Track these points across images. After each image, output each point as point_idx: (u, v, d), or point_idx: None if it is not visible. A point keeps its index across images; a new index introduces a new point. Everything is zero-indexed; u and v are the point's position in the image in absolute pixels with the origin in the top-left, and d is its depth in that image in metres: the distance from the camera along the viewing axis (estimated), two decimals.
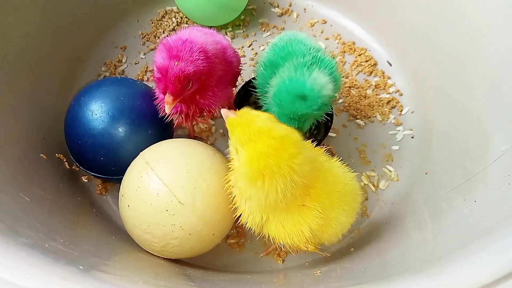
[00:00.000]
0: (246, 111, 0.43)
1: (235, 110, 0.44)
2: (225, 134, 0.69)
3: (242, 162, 0.40)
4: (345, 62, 0.78)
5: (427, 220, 0.52)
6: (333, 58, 0.54)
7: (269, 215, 0.43)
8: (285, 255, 0.58)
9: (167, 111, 0.50)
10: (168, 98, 0.48)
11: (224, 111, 0.43)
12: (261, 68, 0.55)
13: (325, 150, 0.49)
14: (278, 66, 0.52)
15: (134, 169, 0.49)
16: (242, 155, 0.40)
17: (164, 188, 0.45)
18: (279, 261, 0.57)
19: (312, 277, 0.47)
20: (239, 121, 0.41)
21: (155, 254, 0.49)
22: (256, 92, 0.58)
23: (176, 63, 0.46)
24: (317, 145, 0.59)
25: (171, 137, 0.60)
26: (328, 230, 0.45)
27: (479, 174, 0.50)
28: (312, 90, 0.46)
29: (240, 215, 0.45)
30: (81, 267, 0.33)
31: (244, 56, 0.78)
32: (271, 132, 0.39)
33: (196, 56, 0.47)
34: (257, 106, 0.60)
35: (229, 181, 0.46)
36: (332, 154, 0.68)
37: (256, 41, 0.80)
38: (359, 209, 0.48)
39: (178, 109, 0.54)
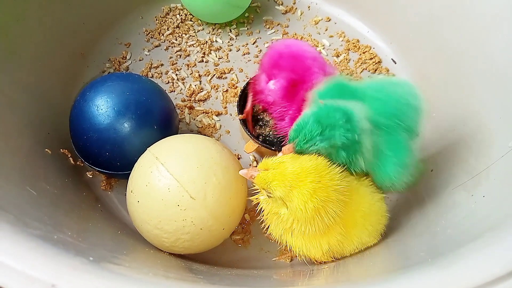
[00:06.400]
0: (267, 162, 0.42)
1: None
2: (229, 131, 0.69)
3: (293, 208, 0.40)
4: (349, 60, 0.78)
5: (435, 216, 0.52)
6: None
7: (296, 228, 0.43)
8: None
9: None
10: None
11: (243, 172, 0.44)
12: None
13: None
14: None
15: (143, 164, 0.49)
16: (290, 203, 0.40)
17: (175, 183, 0.45)
18: (287, 260, 0.57)
19: (320, 271, 0.47)
20: (271, 175, 0.41)
21: (164, 249, 0.49)
22: None
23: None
24: None
25: (176, 133, 0.60)
26: (349, 247, 0.46)
27: (486, 170, 0.50)
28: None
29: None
30: (91, 258, 0.33)
31: (248, 53, 0.78)
32: (305, 169, 0.40)
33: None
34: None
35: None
36: None
37: (260, 38, 0.80)
38: (383, 231, 0.49)
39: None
